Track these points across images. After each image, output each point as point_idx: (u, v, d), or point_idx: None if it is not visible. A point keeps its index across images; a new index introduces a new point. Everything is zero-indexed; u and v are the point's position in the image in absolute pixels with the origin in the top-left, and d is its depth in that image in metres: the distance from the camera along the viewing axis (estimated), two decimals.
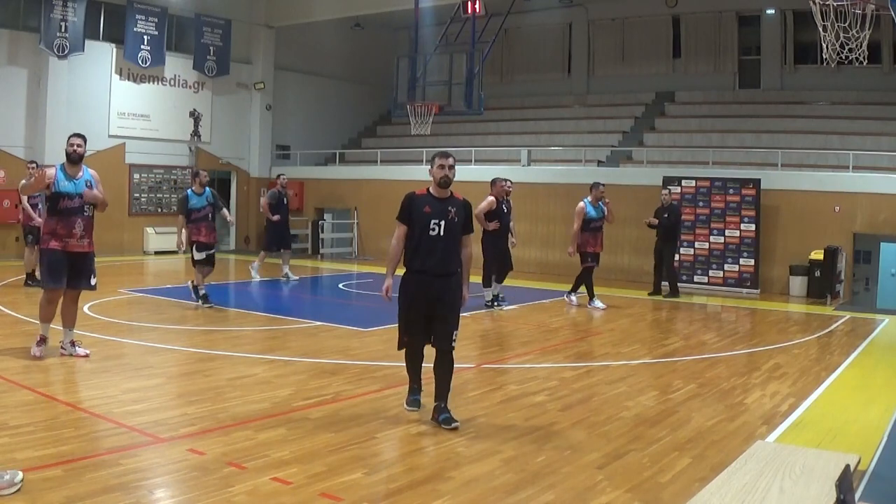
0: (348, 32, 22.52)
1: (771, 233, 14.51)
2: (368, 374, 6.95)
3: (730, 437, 5.38)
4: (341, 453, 4.78)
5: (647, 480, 4.49)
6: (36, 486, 3.99)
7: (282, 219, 14.20)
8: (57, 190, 6.83)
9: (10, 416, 5.22)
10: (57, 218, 6.84)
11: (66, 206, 6.85)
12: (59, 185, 6.84)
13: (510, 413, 5.85)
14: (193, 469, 4.39)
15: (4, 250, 16.46)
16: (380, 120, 24.10)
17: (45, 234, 6.94)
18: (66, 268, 6.90)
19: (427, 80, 15.05)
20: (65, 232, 6.84)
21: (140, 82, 18.76)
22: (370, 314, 11.10)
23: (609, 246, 16.48)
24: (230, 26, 20.20)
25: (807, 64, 18.70)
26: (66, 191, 6.85)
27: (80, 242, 6.93)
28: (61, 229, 6.84)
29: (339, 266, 18.13)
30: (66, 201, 6.85)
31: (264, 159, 21.82)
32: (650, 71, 20.55)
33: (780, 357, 8.33)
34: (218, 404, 5.79)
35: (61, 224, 6.84)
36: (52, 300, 7.02)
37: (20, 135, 16.73)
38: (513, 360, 7.88)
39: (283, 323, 9.78)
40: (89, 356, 7.11)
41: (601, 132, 19.38)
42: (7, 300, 10.51)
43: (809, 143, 15.80)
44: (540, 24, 22.09)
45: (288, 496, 4.07)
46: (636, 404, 6.22)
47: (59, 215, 6.84)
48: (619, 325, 10.51)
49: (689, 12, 20.01)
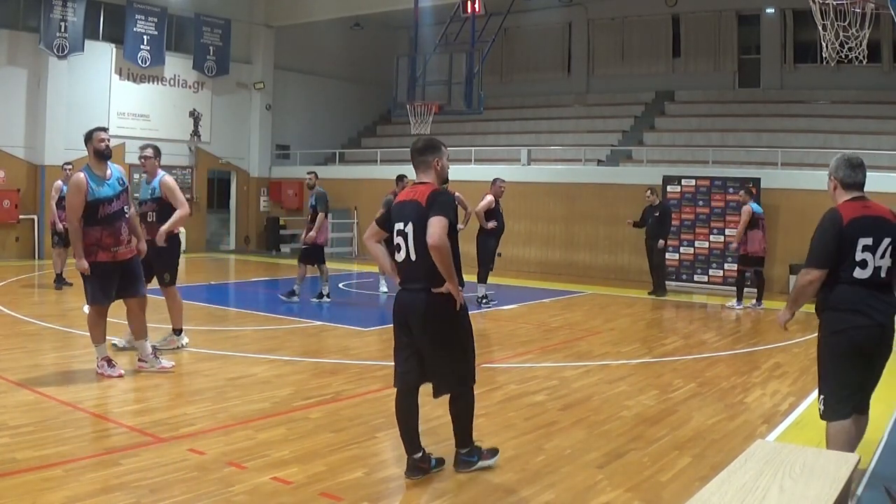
0: (348, 32, 22.52)
1: (771, 232, 14.48)
2: (368, 374, 6.95)
3: (730, 437, 5.38)
4: (341, 453, 4.78)
5: (647, 480, 4.49)
6: (36, 486, 4.00)
7: None
8: (93, 197, 6.19)
9: (10, 416, 5.22)
10: (100, 227, 6.21)
11: (106, 212, 6.24)
12: (95, 192, 6.20)
13: (510, 412, 5.85)
14: (193, 469, 4.39)
15: (4, 250, 16.46)
16: (380, 120, 24.10)
17: (88, 245, 6.22)
18: (118, 278, 6.37)
19: (427, 80, 15.04)
20: (112, 241, 6.26)
21: (140, 82, 18.75)
22: (370, 314, 11.12)
23: (609, 246, 16.57)
24: (230, 26, 20.19)
25: (806, 63, 18.69)
26: (105, 196, 6.25)
27: (128, 247, 6.43)
28: (107, 238, 6.24)
29: (339, 266, 18.11)
30: (106, 207, 6.24)
31: (264, 159, 21.82)
32: (650, 70, 20.54)
33: (781, 356, 8.32)
34: (218, 404, 5.78)
35: (106, 233, 6.24)
36: (103, 314, 6.45)
37: (20, 135, 16.72)
38: (513, 360, 7.88)
39: (283, 323, 9.78)
40: (174, 368, 6.73)
41: (601, 131, 19.37)
42: (7, 300, 10.52)
43: (809, 142, 15.80)
44: (540, 23, 22.08)
45: (288, 496, 4.07)
46: (636, 403, 6.21)
47: (102, 224, 6.22)
48: (619, 324, 10.51)
49: (688, 11, 20.00)
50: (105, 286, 6.32)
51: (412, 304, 4.35)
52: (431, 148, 4.52)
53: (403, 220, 4.37)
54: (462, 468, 4.54)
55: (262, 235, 21.46)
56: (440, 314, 4.30)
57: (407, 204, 4.39)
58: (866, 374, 4.10)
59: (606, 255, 16.55)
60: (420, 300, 4.31)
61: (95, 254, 6.23)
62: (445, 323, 4.33)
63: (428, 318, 4.30)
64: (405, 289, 4.42)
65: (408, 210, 4.36)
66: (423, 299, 4.29)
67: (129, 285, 6.48)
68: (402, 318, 4.42)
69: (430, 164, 4.49)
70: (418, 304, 4.31)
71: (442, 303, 4.28)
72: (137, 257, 6.62)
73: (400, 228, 4.38)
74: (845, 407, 4.05)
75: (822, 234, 4.13)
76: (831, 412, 4.09)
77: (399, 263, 4.44)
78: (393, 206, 4.54)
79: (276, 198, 21.63)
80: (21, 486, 3.99)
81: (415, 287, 4.33)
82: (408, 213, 4.35)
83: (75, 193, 6.18)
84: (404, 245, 4.36)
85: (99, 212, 6.22)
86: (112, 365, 6.47)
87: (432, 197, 4.29)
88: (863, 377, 4.08)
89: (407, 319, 4.38)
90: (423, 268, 4.28)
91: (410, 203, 4.36)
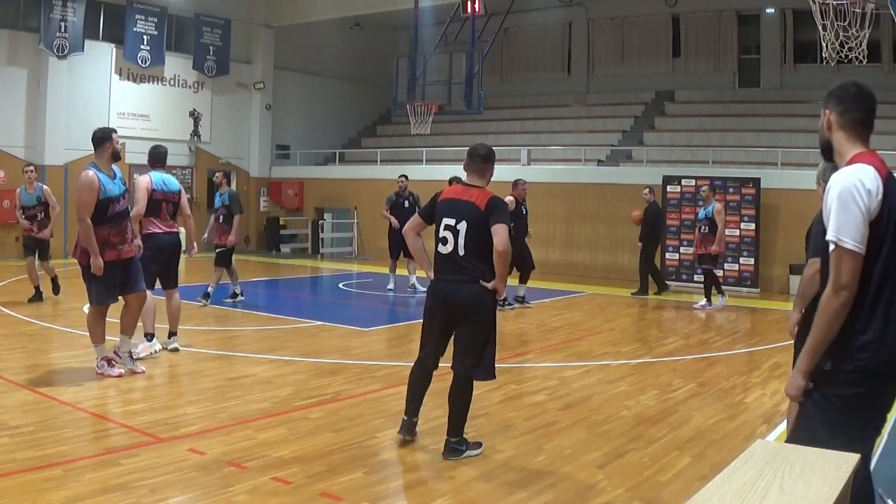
0: (348, 32, 22.51)
1: (771, 232, 14.51)
2: (368, 374, 6.95)
3: (730, 436, 5.38)
4: (341, 453, 4.78)
5: (647, 479, 4.49)
6: (36, 486, 4.00)
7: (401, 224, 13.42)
8: (105, 195, 6.23)
9: (10, 416, 5.22)
10: (109, 226, 6.26)
11: (115, 210, 6.31)
12: (106, 191, 6.25)
13: (510, 413, 5.85)
14: (193, 469, 4.39)
15: (4, 250, 16.46)
16: (380, 119, 24.10)
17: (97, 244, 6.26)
18: (120, 276, 6.42)
19: (427, 80, 15.04)
20: (118, 239, 6.34)
21: (140, 82, 18.75)
22: (370, 314, 11.12)
23: (608, 246, 16.57)
24: (230, 26, 20.19)
25: (806, 63, 18.69)
26: (115, 194, 6.31)
27: (132, 245, 6.52)
28: (114, 237, 6.31)
29: (339, 266, 18.13)
30: (115, 205, 6.31)
31: (264, 159, 21.83)
32: (650, 70, 20.55)
33: (781, 356, 8.32)
34: (218, 404, 5.79)
35: (114, 231, 6.31)
36: (103, 314, 6.50)
37: (20, 135, 16.72)
38: (513, 360, 7.88)
39: (283, 323, 9.78)
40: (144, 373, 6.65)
41: (601, 131, 19.37)
42: (7, 300, 10.52)
43: (809, 142, 15.74)
44: (539, 23, 22.08)
45: (288, 496, 4.07)
46: (636, 403, 6.22)
47: (111, 222, 6.28)
48: (619, 324, 10.51)
49: (688, 11, 20.00)
50: (110, 285, 6.37)
51: (459, 293, 4.68)
52: (492, 158, 4.92)
53: (456, 217, 4.69)
54: (450, 455, 4.74)
55: (262, 235, 21.47)
56: (487, 305, 4.71)
57: (462, 203, 4.72)
58: None
59: (606, 255, 16.55)
60: (469, 291, 4.66)
61: (102, 252, 6.25)
62: (490, 314, 4.74)
63: (477, 307, 4.67)
64: (447, 280, 4.74)
65: (463, 209, 4.69)
66: (473, 290, 4.66)
67: (129, 281, 6.51)
68: (445, 305, 4.75)
69: (487, 171, 4.88)
70: (468, 295, 4.67)
71: (488, 295, 4.69)
72: (137, 255, 6.66)
73: (450, 224, 4.70)
74: None
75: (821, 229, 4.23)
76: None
77: (442, 255, 4.76)
78: (441, 202, 4.83)
79: (276, 198, 21.63)
80: (21, 486, 3.99)
81: (460, 279, 4.69)
82: (463, 211, 4.68)
83: (88, 192, 6.18)
84: (452, 240, 4.69)
85: (109, 210, 6.27)
86: (112, 365, 6.48)
87: (493, 204, 4.67)
88: None
89: (451, 307, 4.71)
90: (471, 263, 4.66)
91: (466, 203, 4.70)
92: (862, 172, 2.63)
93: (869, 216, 2.59)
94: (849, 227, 2.58)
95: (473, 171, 4.88)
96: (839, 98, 2.82)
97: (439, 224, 4.75)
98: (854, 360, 2.65)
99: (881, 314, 2.64)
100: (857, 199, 2.58)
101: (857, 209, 2.58)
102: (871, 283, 2.62)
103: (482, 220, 4.62)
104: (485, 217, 4.62)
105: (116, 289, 6.45)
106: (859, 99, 2.80)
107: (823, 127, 2.85)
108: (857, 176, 2.62)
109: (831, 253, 2.63)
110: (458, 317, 4.71)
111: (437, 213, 4.79)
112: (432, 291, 4.86)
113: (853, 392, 2.66)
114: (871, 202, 2.59)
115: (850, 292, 2.59)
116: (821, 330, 2.66)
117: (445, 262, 4.74)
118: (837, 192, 2.62)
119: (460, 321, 4.71)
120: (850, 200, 2.59)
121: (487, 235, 4.61)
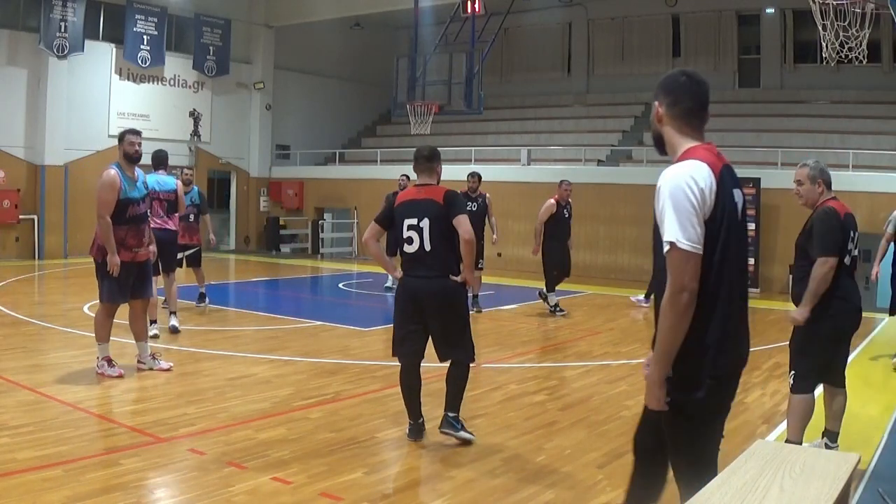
0: (348, 32, 22.52)
1: (771, 232, 14.51)
2: (368, 374, 6.95)
3: (730, 436, 5.33)
4: (341, 453, 4.78)
5: None
6: (36, 486, 4.00)
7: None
8: (125, 196, 6.27)
9: (10, 416, 5.22)
10: (126, 227, 6.31)
11: (134, 213, 6.36)
12: (127, 192, 6.28)
13: (510, 412, 5.85)
14: (193, 469, 4.39)
15: (4, 250, 16.47)
16: (380, 119, 24.10)
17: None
18: (133, 279, 6.47)
19: (427, 80, 15.04)
20: (135, 241, 6.40)
21: (140, 82, 18.75)
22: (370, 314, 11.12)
23: (609, 246, 16.57)
24: (230, 26, 20.20)
25: (806, 63, 18.69)
26: (134, 197, 6.35)
27: (147, 250, 6.58)
28: (132, 239, 6.37)
29: (339, 266, 18.13)
30: (135, 208, 6.37)
31: (264, 159, 21.83)
32: (650, 70, 20.48)
33: (780, 356, 8.30)
34: (218, 404, 5.78)
35: (131, 233, 6.36)
36: (112, 314, 6.52)
37: (20, 135, 16.72)
38: (513, 360, 7.88)
39: (283, 323, 9.78)
40: (171, 369, 6.77)
41: (601, 131, 19.37)
42: (7, 300, 10.52)
43: (809, 142, 15.80)
44: (539, 23, 22.08)
45: (288, 496, 4.07)
46: (636, 403, 6.20)
47: (129, 224, 6.33)
48: (619, 324, 10.51)
49: (688, 11, 20.01)
50: (122, 285, 6.42)
51: (428, 288, 4.85)
52: (437, 156, 5.13)
53: (418, 215, 4.86)
54: (446, 428, 4.97)
55: (262, 235, 21.48)
56: (456, 298, 4.96)
57: (420, 202, 4.91)
58: (839, 354, 4.69)
59: (606, 255, 16.55)
60: (438, 286, 4.85)
61: (118, 253, 6.29)
62: (460, 306, 5.02)
63: (447, 301, 4.88)
64: (415, 276, 4.90)
65: (423, 206, 4.87)
66: (442, 284, 4.85)
67: (140, 286, 6.59)
68: (415, 301, 4.89)
69: (434, 169, 5.08)
70: (437, 289, 4.85)
71: (457, 288, 4.92)
72: (150, 259, 6.73)
73: (413, 223, 4.87)
74: (814, 383, 4.63)
75: (829, 226, 4.42)
76: (801, 386, 4.60)
77: (408, 254, 4.92)
78: (399, 205, 5.01)
79: (276, 198, 21.64)
80: (21, 486, 3.99)
81: (429, 275, 4.86)
82: (423, 209, 4.86)
83: (109, 190, 6.22)
84: (418, 238, 4.86)
85: (128, 212, 6.32)
86: (112, 365, 6.49)
87: (450, 196, 4.90)
88: (835, 357, 4.66)
89: (422, 302, 4.87)
90: (437, 258, 4.85)
91: (424, 201, 4.90)
92: (694, 169, 2.52)
93: (703, 214, 2.48)
94: (684, 227, 2.46)
95: (423, 172, 5.09)
96: (668, 89, 2.70)
97: (401, 226, 4.92)
98: (696, 364, 2.57)
99: (719, 315, 2.55)
100: (690, 198, 2.47)
101: (691, 208, 2.46)
102: (707, 283, 2.50)
103: (443, 214, 4.83)
104: (444, 211, 4.83)
105: (129, 290, 6.50)
106: (689, 89, 2.69)
107: (654, 119, 2.74)
108: (689, 174, 2.51)
109: (668, 255, 2.49)
110: (431, 310, 4.87)
111: (397, 215, 4.96)
112: (403, 288, 5.02)
113: (698, 397, 2.60)
114: (704, 200, 2.48)
115: (690, 293, 2.47)
116: (666, 335, 2.54)
117: (413, 260, 4.92)
118: (669, 190, 2.50)
119: (433, 315, 4.88)
120: (683, 199, 2.47)
121: (450, 229, 4.84)
